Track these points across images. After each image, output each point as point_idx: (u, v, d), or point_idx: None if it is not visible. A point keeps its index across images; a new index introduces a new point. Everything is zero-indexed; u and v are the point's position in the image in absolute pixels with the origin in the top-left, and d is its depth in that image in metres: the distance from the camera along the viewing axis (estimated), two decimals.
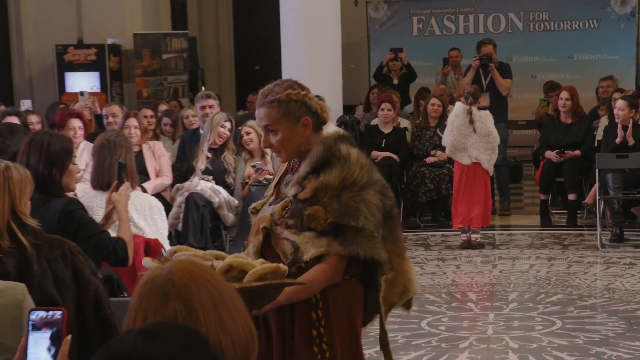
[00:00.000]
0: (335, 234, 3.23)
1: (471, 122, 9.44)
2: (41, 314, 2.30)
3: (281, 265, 3.05)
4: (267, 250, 3.34)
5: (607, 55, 15.47)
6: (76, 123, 8.21)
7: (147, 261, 2.97)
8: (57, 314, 2.29)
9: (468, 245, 9.55)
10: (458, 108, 9.65)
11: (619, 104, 9.90)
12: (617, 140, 9.77)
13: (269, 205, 3.41)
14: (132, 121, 8.51)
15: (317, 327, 3.30)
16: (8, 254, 3.15)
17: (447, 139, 9.59)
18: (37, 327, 2.29)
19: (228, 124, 8.73)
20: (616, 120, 10.02)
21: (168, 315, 1.91)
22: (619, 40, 15.60)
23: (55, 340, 2.28)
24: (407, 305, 3.58)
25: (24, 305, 2.83)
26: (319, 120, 3.44)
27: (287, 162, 3.53)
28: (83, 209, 4.37)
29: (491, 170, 9.74)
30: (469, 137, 9.43)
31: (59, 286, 3.30)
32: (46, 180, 4.28)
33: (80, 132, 8.21)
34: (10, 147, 5.29)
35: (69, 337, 2.28)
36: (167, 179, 8.70)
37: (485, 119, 9.54)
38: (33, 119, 9.02)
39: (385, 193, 3.40)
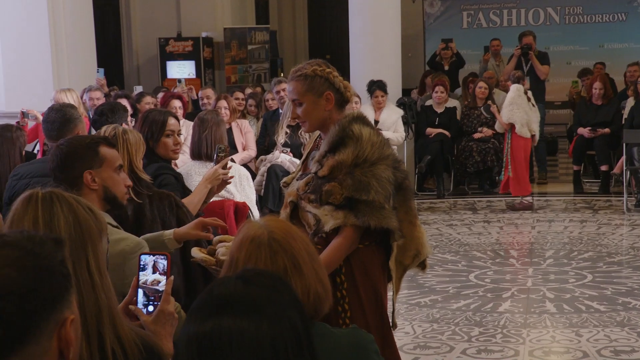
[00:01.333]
0: (350, 207, 3.15)
1: (528, 100, 9.52)
2: (149, 257, 2.33)
3: None
4: (294, 221, 3.24)
5: (634, 43, 15.13)
6: (177, 103, 8.33)
7: (195, 251, 3.05)
8: (162, 257, 2.32)
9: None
10: (517, 89, 9.63)
11: None
12: None
13: (297, 180, 3.33)
14: (223, 102, 8.60)
15: (340, 289, 3.21)
16: (128, 201, 3.22)
17: (515, 116, 9.56)
18: (144, 269, 2.32)
19: None
20: None
21: (278, 269, 1.94)
22: None
23: (159, 281, 2.31)
24: (422, 267, 3.42)
25: (129, 256, 2.87)
26: (342, 98, 3.34)
27: (314, 141, 3.45)
28: (170, 174, 4.39)
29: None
30: (530, 113, 9.49)
31: (165, 230, 3.40)
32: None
33: (180, 111, 8.31)
34: (112, 124, 5.36)
35: (172, 277, 2.31)
36: (252, 151, 8.76)
37: (531, 96, 9.74)
38: (148, 99, 9.06)
39: (397, 167, 3.30)
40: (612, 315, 5.84)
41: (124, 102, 7.87)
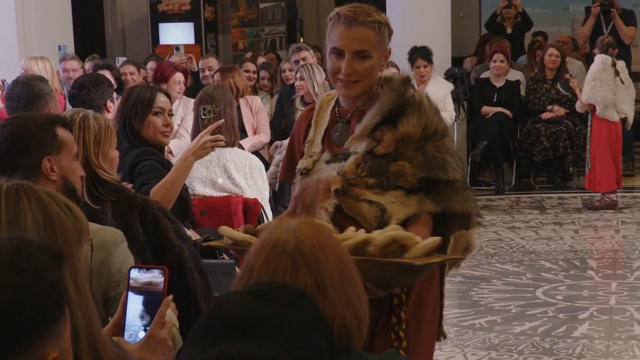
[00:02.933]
0: (427, 190, 3.04)
1: (616, 74, 9.43)
2: (142, 270, 2.32)
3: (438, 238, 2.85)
4: (338, 214, 3.05)
5: None
6: (181, 78, 8.32)
7: (227, 230, 2.94)
8: (157, 272, 2.31)
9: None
10: (602, 61, 9.53)
11: None
12: None
13: (327, 163, 3.12)
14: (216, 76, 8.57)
15: (397, 312, 3.07)
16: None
17: (597, 95, 9.48)
18: (135, 285, 2.31)
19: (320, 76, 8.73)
20: None
21: (298, 284, 1.91)
22: None
23: (154, 301, 2.30)
24: (457, 265, 3.32)
25: (112, 248, 2.90)
26: None
27: (329, 112, 3.21)
28: (152, 159, 4.37)
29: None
30: (618, 91, 9.41)
31: (132, 247, 3.20)
32: (126, 129, 4.44)
33: (182, 88, 8.32)
34: (94, 100, 5.37)
35: (170, 297, 2.30)
36: (265, 136, 8.74)
37: (624, 69, 9.58)
38: (128, 69, 9.09)
39: None
40: None
41: (107, 74, 7.89)
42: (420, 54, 10.13)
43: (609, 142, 9.66)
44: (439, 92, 10.15)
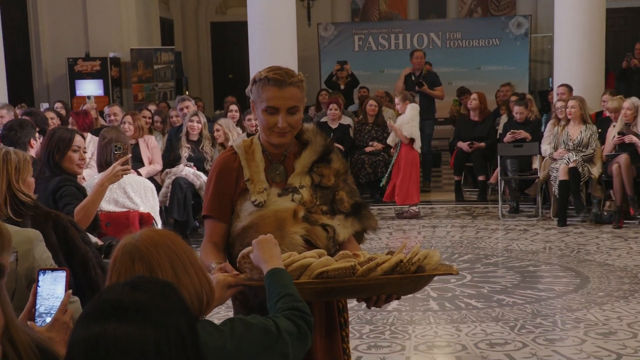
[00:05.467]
0: (355, 213, 2.90)
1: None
2: (48, 272, 2.30)
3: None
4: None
5: (507, 66, 15.63)
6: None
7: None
8: (61, 272, 2.30)
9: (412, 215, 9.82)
10: (415, 108, 9.89)
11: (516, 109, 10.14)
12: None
13: (279, 196, 2.82)
14: (128, 118, 8.54)
15: (342, 323, 2.91)
16: (6, 221, 3.11)
17: (415, 132, 9.73)
18: (45, 282, 2.28)
19: (195, 118, 8.75)
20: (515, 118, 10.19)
21: (134, 273, 1.93)
22: (516, 54, 15.76)
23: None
24: None
25: (35, 242, 2.87)
26: None
27: (255, 157, 2.87)
28: (72, 185, 4.38)
29: None
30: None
31: (48, 250, 3.12)
32: (49, 162, 4.41)
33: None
34: (21, 139, 5.32)
35: (70, 291, 2.29)
36: (158, 165, 8.68)
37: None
38: (49, 114, 8.91)
39: None
40: (488, 311, 5.98)
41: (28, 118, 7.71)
42: None
43: (416, 167, 9.91)
44: None
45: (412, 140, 9.72)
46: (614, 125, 9.30)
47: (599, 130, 9.40)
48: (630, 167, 8.86)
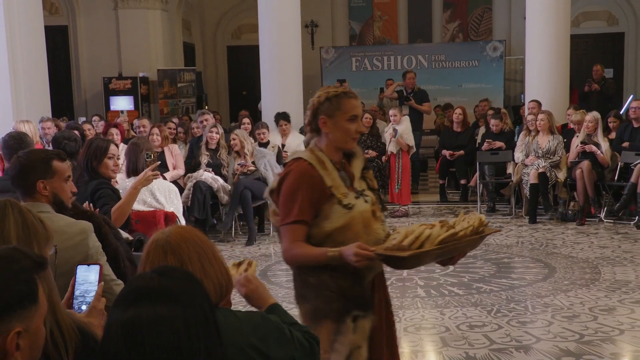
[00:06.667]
0: (384, 209, 2.92)
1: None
2: (84, 266, 2.31)
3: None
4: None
5: (485, 84, 15.62)
6: (114, 131, 8.23)
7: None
8: (96, 267, 2.30)
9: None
10: (408, 120, 9.96)
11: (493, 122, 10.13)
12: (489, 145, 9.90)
13: (356, 199, 2.75)
14: (155, 130, 8.52)
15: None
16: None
17: (411, 141, 9.82)
18: (82, 274, 2.29)
19: (214, 130, 8.76)
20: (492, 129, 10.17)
21: (167, 264, 1.93)
22: (492, 74, 15.75)
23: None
24: None
25: (89, 233, 2.85)
26: None
27: (328, 167, 2.76)
28: (108, 188, 4.40)
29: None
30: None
31: None
32: (88, 168, 4.39)
33: (118, 137, 8.23)
34: (67, 146, 5.35)
35: (102, 283, 2.29)
36: (181, 170, 8.67)
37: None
38: (86, 126, 8.95)
39: None
40: (468, 297, 5.98)
41: (75, 130, 7.77)
42: (282, 117, 10.17)
43: (409, 172, 9.94)
44: (295, 141, 10.21)
45: (411, 148, 9.77)
46: (577, 136, 9.30)
47: (565, 140, 9.39)
48: (591, 172, 8.85)
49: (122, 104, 14.59)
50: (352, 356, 2.69)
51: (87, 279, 2.27)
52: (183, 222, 5.69)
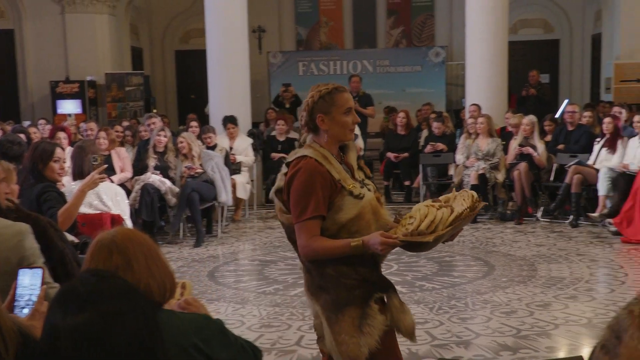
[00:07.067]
0: None
1: None
2: (27, 269, 2.26)
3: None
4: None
5: (427, 89, 15.79)
6: (61, 135, 8.07)
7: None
8: (38, 270, 2.25)
9: None
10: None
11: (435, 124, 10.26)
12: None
13: (361, 188, 2.81)
14: (102, 133, 8.39)
15: None
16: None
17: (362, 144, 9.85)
18: (23, 278, 2.24)
19: (162, 133, 8.67)
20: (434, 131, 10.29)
21: (112, 266, 1.91)
22: (435, 79, 15.95)
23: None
24: None
25: (25, 235, 2.78)
26: None
27: (333, 161, 2.80)
28: (53, 191, 4.32)
29: None
30: None
31: None
32: (34, 171, 4.32)
33: (65, 141, 8.07)
34: (11, 150, 5.21)
35: (45, 287, 2.25)
36: (128, 173, 8.57)
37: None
38: (32, 129, 8.75)
39: None
40: (411, 295, 6.03)
41: (21, 134, 7.57)
42: (229, 120, 10.12)
43: None
44: (243, 144, 10.19)
45: (359, 151, 9.83)
46: (515, 138, 9.49)
47: (503, 142, 9.57)
48: (528, 173, 9.05)
49: (69, 107, 14.30)
50: (400, 329, 2.78)
51: (29, 282, 2.22)
52: (129, 224, 5.61)
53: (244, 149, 10.14)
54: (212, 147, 9.24)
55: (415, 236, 2.66)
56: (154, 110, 14.91)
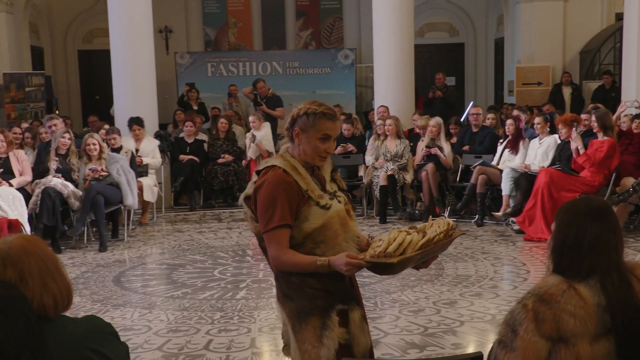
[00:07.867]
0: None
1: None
2: None
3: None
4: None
5: (337, 90, 15.94)
6: None
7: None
8: None
9: None
10: (267, 125, 10.09)
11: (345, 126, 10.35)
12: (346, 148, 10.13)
13: (330, 199, 2.84)
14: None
15: None
16: None
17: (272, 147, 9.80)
18: None
19: (67, 135, 8.41)
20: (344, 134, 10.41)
21: (6, 277, 1.86)
22: (344, 81, 16.13)
23: None
24: None
25: None
26: None
27: (303, 174, 2.82)
28: None
29: None
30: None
31: None
32: None
33: None
34: None
35: None
36: (28, 177, 8.22)
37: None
38: None
39: None
40: None
41: None
42: (134, 121, 9.91)
43: None
44: (150, 146, 9.98)
45: (271, 154, 9.81)
46: (422, 140, 9.70)
47: (411, 143, 9.77)
48: (435, 174, 9.27)
49: None
50: (353, 347, 2.77)
51: None
52: (28, 229, 5.41)
53: (150, 150, 9.94)
54: (117, 149, 9.01)
55: (382, 258, 2.68)
56: (56, 112, 14.43)
